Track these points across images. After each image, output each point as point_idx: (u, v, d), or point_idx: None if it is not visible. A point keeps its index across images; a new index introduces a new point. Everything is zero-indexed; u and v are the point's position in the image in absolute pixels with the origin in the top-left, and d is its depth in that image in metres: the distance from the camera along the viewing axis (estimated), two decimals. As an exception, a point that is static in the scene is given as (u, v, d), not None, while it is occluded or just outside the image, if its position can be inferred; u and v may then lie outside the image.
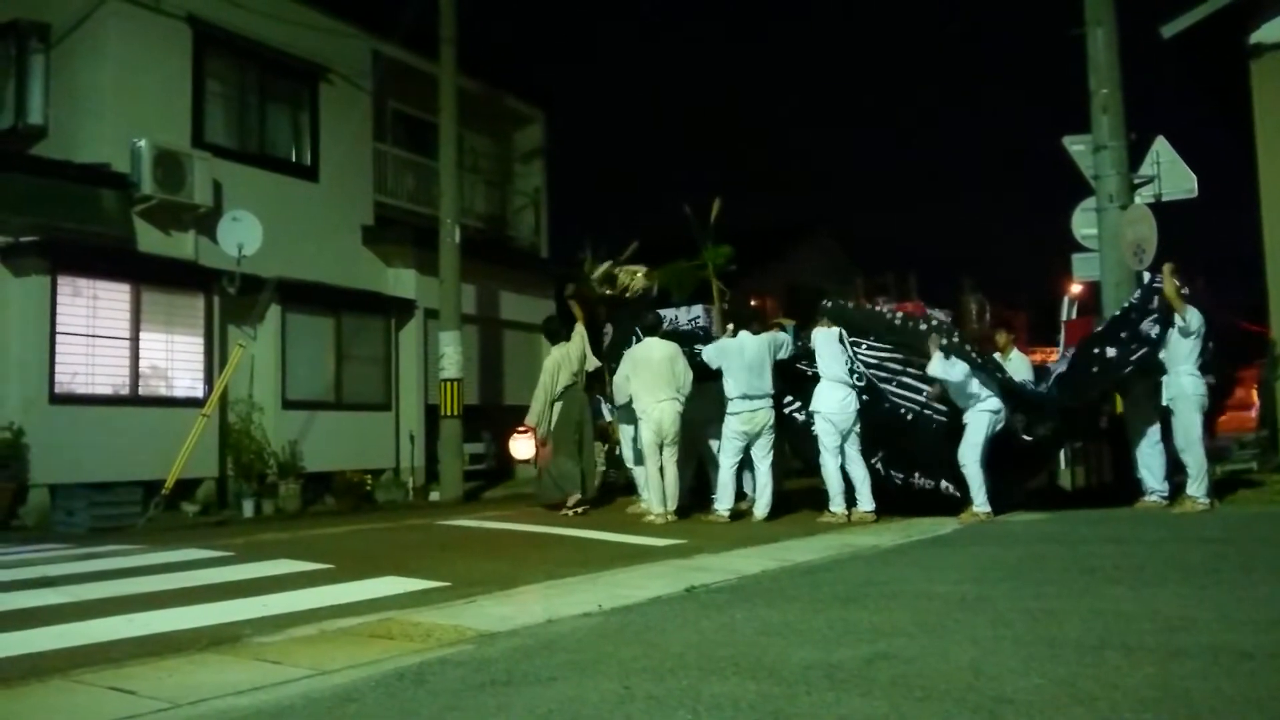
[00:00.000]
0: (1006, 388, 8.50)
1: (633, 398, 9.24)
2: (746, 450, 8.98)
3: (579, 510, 9.72)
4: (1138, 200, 10.68)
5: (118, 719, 2.89)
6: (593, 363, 10.34)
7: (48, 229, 11.03)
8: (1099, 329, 9.14)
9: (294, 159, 14.53)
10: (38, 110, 12.59)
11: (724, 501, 8.87)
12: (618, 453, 13.14)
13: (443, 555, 6.86)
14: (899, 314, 9.71)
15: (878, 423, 8.86)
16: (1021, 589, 4.65)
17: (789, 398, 9.21)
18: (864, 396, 8.81)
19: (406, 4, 14.54)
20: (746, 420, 8.83)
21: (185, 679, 3.24)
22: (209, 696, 2.99)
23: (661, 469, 9.15)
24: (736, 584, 5.08)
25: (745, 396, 8.79)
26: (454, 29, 14.32)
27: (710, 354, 9.10)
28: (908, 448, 8.98)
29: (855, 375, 8.82)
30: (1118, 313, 8.94)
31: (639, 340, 9.50)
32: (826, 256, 28.72)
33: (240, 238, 11.98)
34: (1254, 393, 13.63)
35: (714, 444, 9.76)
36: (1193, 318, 8.12)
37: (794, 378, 9.16)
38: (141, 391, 11.67)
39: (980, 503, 8.23)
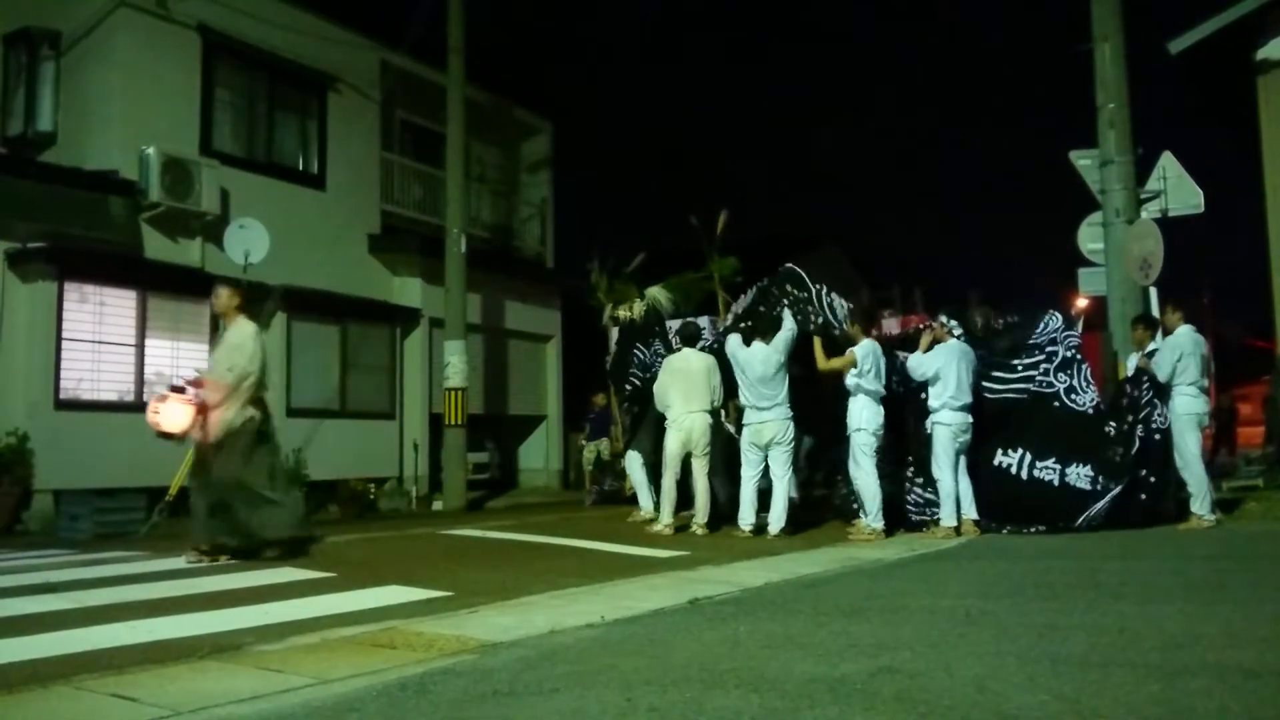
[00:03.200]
0: None
1: (667, 406, 9.08)
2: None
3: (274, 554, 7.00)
4: (1144, 215, 10.68)
5: (119, 726, 2.88)
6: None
7: (55, 235, 11.08)
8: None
9: (301, 168, 14.58)
10: (47, 117, 12.66)
11: (746, 517, 8.60)
12: (620, 466, 13.14)
13: (446, 565, 6.85)
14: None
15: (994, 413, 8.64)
16: (1026, 604, 4.63)
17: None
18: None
19: (415, 14, 14.63)
20: (754, 433, 8.61)
21: (187, 686, 3.24)
22: (211, 704, 2.98)
23: (677, 481, 9.02)
24: (740, 596, 5.06)
25: (754, 408, 8.59)
26: (462, 39, 14.39)
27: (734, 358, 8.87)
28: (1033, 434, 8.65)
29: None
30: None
31: (672, 350, 9.46)
32: (832, 269, 28.67)
33: (247, 245, 12.03)
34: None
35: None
36: (1165, 358, 8.25)
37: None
38: (147, 398, 11.66)
39: (947, 515, 8.14)
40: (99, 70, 12.43)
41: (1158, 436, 8.32)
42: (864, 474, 8.30)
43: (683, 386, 8.94)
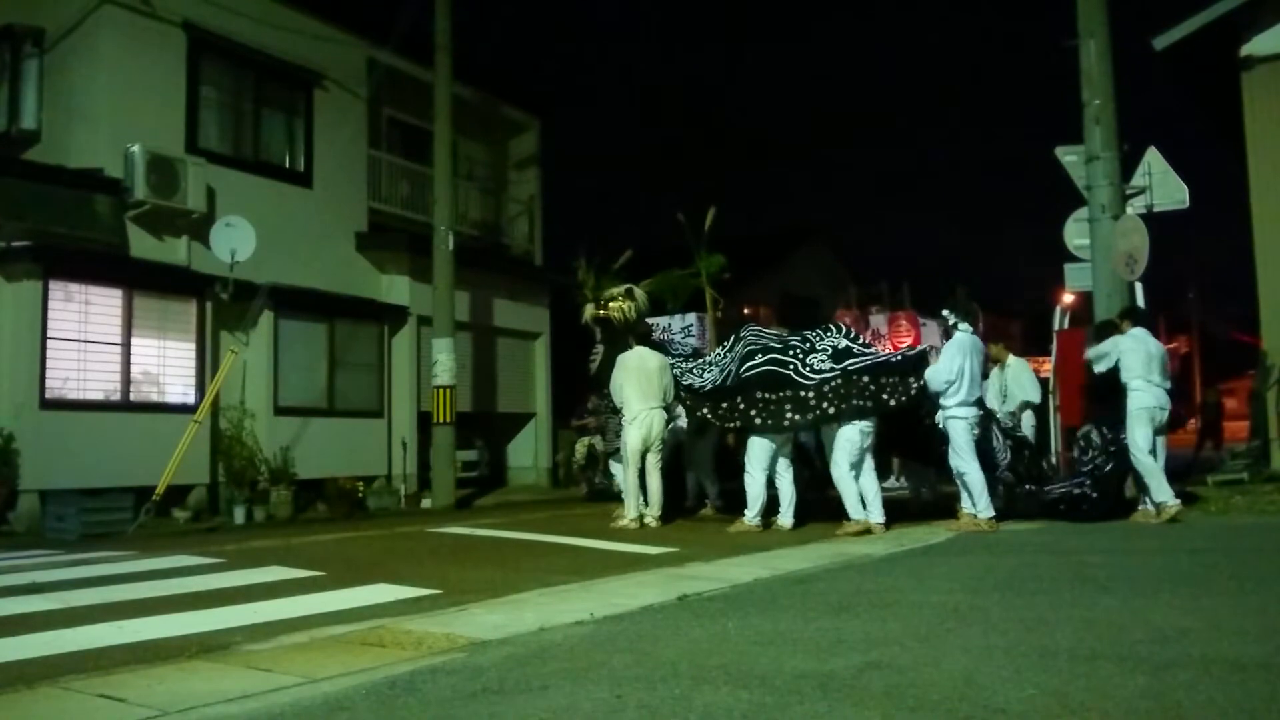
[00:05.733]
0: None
1: (624, 403, 9.44)
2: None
3: None
4: (1130, 211, 10.72)
5: (107, 727, 2.87)
6: None
7: (40, 234, 11.00)
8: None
9: (288, 165, 14.51)
10: (31, 115, 12.57)
11: (753, 511, 8.78)
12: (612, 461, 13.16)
13: (435, 563, 6.84)
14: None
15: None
16: (1014, 599, 4.65)
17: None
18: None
19: (403, 11, 14.56)
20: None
21: (175, 686, 3.22)
22: (199, 704, 2.97)
23: (644, 474, 9.39)
24: (729, 592, 5.07)
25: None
26: (449, 36, 14.34)
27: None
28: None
29: None
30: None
31: (630, 348, 9.60)
32: (821, 265, 28.78)
33: (233, 244, 11.99)
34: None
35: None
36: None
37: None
38: (133, 397, 11.63)
39: (983, 508, 8.21)
40: (83, 68, 12.35)
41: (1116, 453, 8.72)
42: (839, 471, 8.51)
43: (639, 384, 9.31)
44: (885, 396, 8.32)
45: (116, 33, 12.34)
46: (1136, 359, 8.45)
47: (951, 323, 8.55)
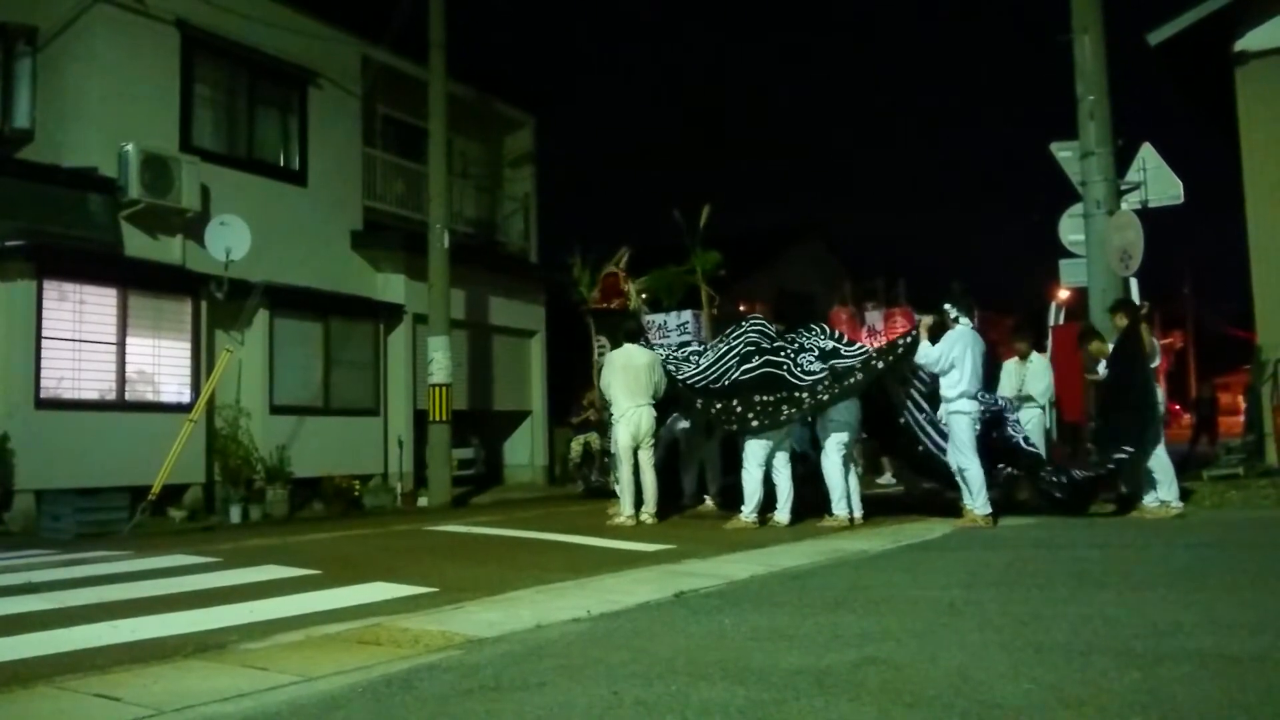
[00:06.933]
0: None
1: (611, 401, 9.48)
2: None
3: None
4: (1124, 206, 10.74)
5: (102, 726, 2.87)
6: None
7: (34, 233, 10.96)
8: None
9: (283, 163, 14.47)
10: (24, 114, 12.52)
11: (750, 507, 8.82)
12: (607, 460, 13.17)
13: (431, 561, 6.84)
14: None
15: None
16: (1009, 594, 4.66)
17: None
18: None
19: (397, 9, 14.53)
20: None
21: (171, 685, 3.22)
22: (195, 703, 2.97)
23: (639, 471, 9.39)
24: (725, 589, 5.08)
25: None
26: (444, 34, 14.33)
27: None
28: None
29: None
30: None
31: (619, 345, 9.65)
32: (816, 262, 28.76)
33: (228, 242, 11.96)
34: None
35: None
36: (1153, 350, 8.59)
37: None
38: (128, 397, 11.60)
39: (980, 505, 8.21)
40: (76, 66, 12.30)
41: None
42: (831, 465, 8.72)
43: (627, 381, 9.34)
44: (875, 362, 8.64)
45: (110, 31, 12.30)
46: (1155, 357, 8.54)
47: (954, 317, 8.56)
